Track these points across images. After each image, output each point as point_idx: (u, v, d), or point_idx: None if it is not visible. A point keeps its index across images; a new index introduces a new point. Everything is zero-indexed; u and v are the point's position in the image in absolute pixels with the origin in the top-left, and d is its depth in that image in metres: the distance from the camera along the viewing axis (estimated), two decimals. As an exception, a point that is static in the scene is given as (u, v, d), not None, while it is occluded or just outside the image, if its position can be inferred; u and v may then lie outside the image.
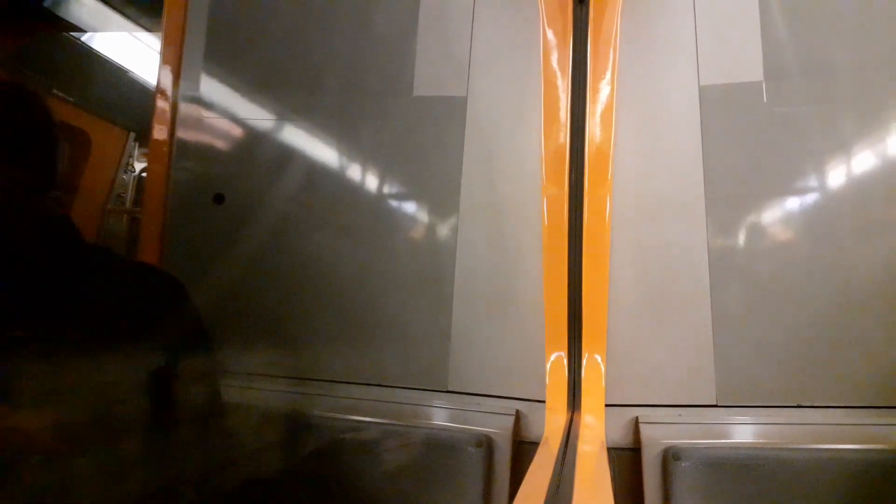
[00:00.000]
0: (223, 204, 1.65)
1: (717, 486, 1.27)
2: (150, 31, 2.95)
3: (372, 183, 1.61)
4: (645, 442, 1.32)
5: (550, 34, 1.49)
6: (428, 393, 1.48)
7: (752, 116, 1.44)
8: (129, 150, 3.58)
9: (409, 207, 1.59)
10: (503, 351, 1.47)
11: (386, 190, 1.60)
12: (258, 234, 1.63)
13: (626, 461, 1.36)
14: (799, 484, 1.25)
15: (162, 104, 1.74)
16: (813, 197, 1.41)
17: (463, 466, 1.33)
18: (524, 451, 1.38)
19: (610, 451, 1.28)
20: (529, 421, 1.41)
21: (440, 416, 1.44)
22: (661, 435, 1.32)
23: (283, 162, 1.66)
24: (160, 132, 1.72)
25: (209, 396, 1.31)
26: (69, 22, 2.64)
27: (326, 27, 1.67)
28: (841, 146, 1.41)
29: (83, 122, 3.24)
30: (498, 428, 1.36)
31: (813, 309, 1.37)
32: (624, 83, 1.46)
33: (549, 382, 1.39)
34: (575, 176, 1.43)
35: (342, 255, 1.59)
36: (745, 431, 1.35)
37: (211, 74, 1.73)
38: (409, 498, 1.36)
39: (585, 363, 1.38)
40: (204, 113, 1.72)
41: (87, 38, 3.03)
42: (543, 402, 1.38)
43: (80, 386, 1.08)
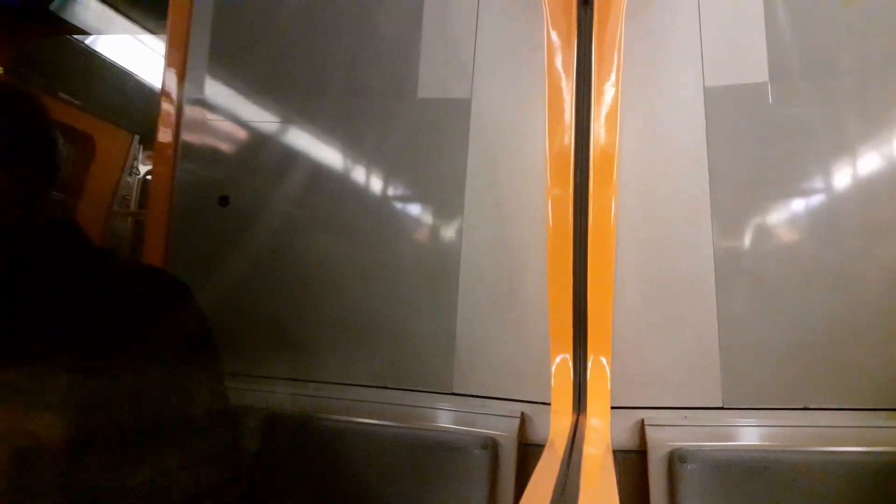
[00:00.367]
0: (228, 206, 1.66)
1: (723, 488, 1.26)
2: (154, 33, 2.96)
3: (376, 185, 1.61)
4: (651, 444, 1.32)
5: (555, 36, 1.49)
6: (433, 395, 1.48)
7: (757, 118, 1.44)
8: (133, 152, 3.59)
9: (413, 209, 1.59)
10: (508, 353, 1.46)
11: (390, 192, 1.60)
12: (263, 236, 1.63)
13: (631, 464, 1.36)
14: (806, 487, 1.24)
15: (167, 107, 1.74)
16: (819, 198, 1.41)
17: (468, 469, 1.33)
18: (529, 453, 1.37)
19: (615, 453, 1.28)
20: (535, 423, 1.41)
21: (445, 418, 1.44)
22: (667, 437, 1.32)
23: (287, 164, 1.66)
24: (165, 135, 1.73)
25: (214, 399, 1.31)
26: (74, 25, 2.65)
27: (330, 30, 1.68)
28: (846, 147, 1.41)
29: (87, 125, 3.25)
30: (503, 430, 1.36)
31: (819, 311, 1.37)
32: (628, 85, 1.46)
33: (554, 385, 1.38)
34: (580, 177, 1.43)
35: (347, 257, 1.59)
36: (751, 434, 1.35)
37: (215, 77, 1.74)
38: (414, 500, 1.35)
39: (591, 365, 1.37)
40: (208, 115, 1.72)
41: (91, 41, 3.04)
42: (549, 404, 1.38)
43: (83, 390, 1.08)
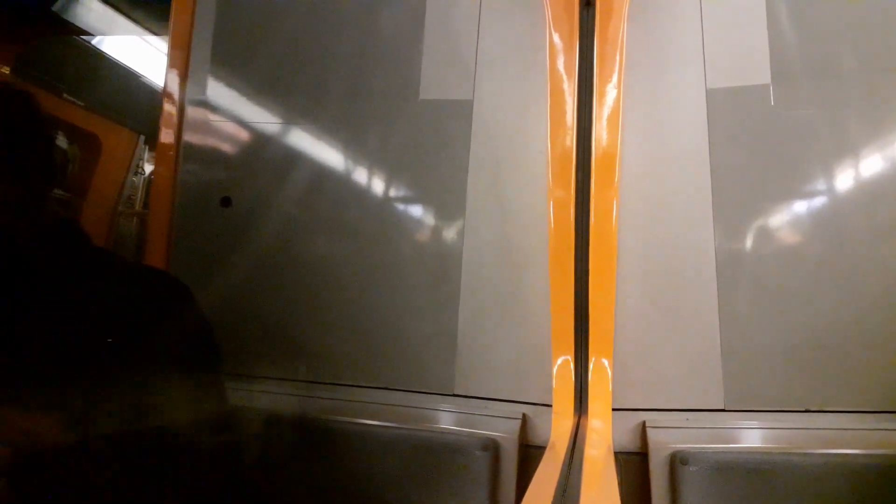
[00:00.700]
0: (230, 207, 1.66)
1: (724, 490, 1.26)
2: (156, 34, 2.96)
3: (378, 186, 1.62)
4: (652, 446, 1.32)
5: (556, 37, 1.49)
6: (434, 396, 1.48)
7: (759, 119, 1.44)
8: (139, 152, 3.60)
9: (415, 211, 1.59)
10: (510, 354, 1.46)
11: (392, 193, 1.60)
12: (265, 237, 1.63)
13: (633, 466, 1.35)
14: (807, 489, 1.24)
15: (169, 107, 1.74)
16: (821, 200, 1.40)
17: (469, 470, 1.33)
18: (531, 455, 1.37)
19: (617, 455, 1.28)
20: (536, 425, 1.41)
21: (446, 419, 1.44)
22: (668, 439, 1.32)
23: (289, 165, 1.66)
24: (167, 135, 1.73)
25: (215, 400, 1.31)
26: (76, 26, 2.65)
27: (333, 31, 1.68)
28: (849, 149, 1.41)
29: (93, 125, 3.26)
30: (504, 432, 1.36)
31: (821, 313, 1.36)
32: (630, 86, 1.46)
33: (555, 386, 1.38)
34: (581, 179, 1.43)
35: (348, 258, 1.59)
36: (753, 436, 1.35)
37: (218, 78, 1.74)
38: (415, 502, 1.35)
39: (592, 367, 1.37)
40: (211, 116, 1.72)
41: (97, 41, 3.05)
42: (550, 405, 1.38)
43: (85, 391, 1.08)
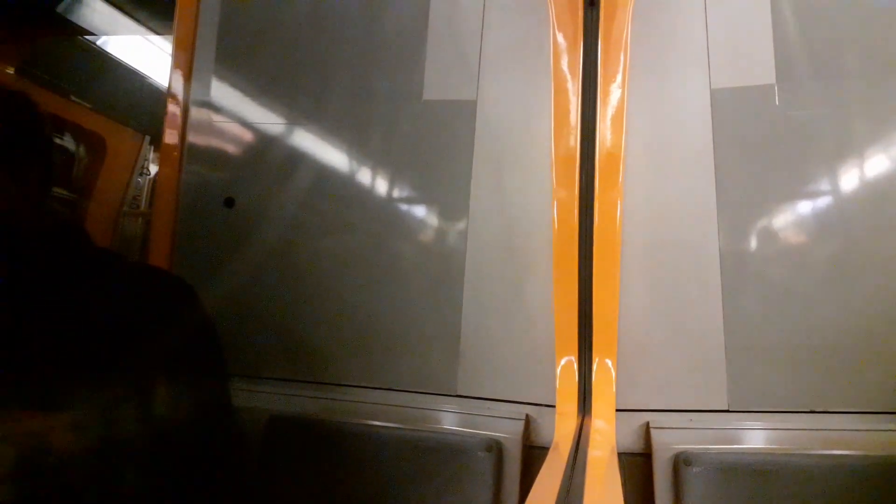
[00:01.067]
0: (233, 208, 1.66)
1: (728, 492, 1.26)
2: (160, 35, 2.97)
3: (382, 187, 1.62)
4: (656, 447, 1.32)
5: (560, 37, 1.49)
6: (437, 397, 1.48)
7: (764, 120, 1.43)
8: (144, 153, 3.60)
9: (418, 211, 1.59)
10: (513, 355, 1.46)
11: (396, 194, 1.60)
12: (268, 237, 1.63)
13: (636, 466, 1.35)
14: (812, 490, 1.24)
15: (173, 108, 1.75)
16: (825, 201, 1.40)
17: (472, 471, 1.33)
18: (534, 455, 1.37)
19: (620, 456, 1.27)
20: (539, 425, 1.40)
21: (450, 420, 1.44)
22: (672, 440, 1.32)
23: (293, 166, 1.66)
24: (171, 136, 1.73)
25: (219, 400, 1.31)
26: (80, 26, 2.66)
27: (336, 32, 1.68)
28: (854, 149, 1.40)
29: (98, 125, 3.27)
30: (508, 432, 1.36)
31: (826, 313, 1.36)
32: (635, 86, 1.46)
33: (559, 387, 1.38)
34: (585, 179, 1.43)
35: (352, 258, 1.59)
36: (757, 437, 1.34)
37: (221, 78, 1.74)
38: (418, 502, 1.35)
39: (596, 367, 1.37)
40: (214, 117, 1.73)
41: (103, 41, 3.06)
42: (553, 406, 1.38)
43: (87, 392, 1.09)
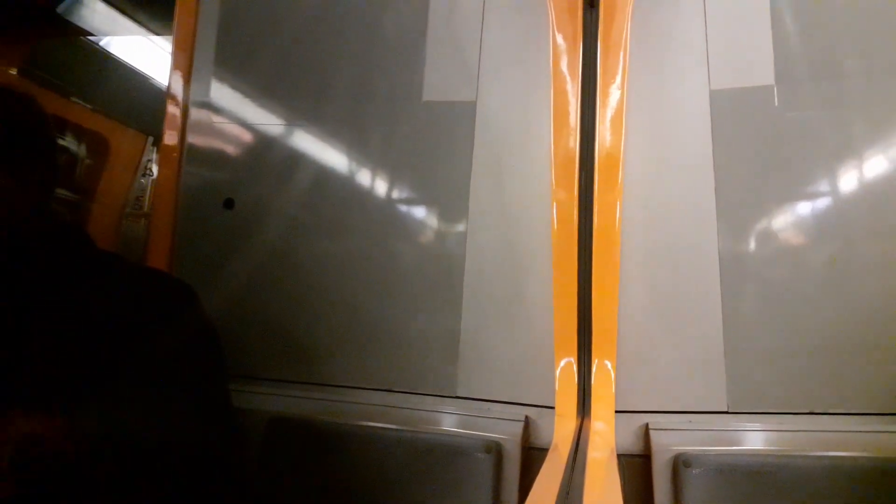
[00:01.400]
0: (233, 209, 1.66)
1: (727, 493, 1.26)
2: (160, 35, 2.97)
3: (381, 188, 1.62)
4: (655, 448, 1.31)
5: (560, 39, 1.49)
6: (436, 398, 1.48)
7: (763, 120, 1.43)
8: (147, 154, 3.60)
9: (418, 212, 1.59)
10: (512, 356, 1.46)
11: (395, 195, 1.61)
12: (268, 239, 1.63)
13: (636, 468, 1.35)
14: (811, 492, 1.24)
15: (172, 109, 1.75)
16: (825, 202, 1.40)
17: (472, 472, 1.32)
18: (533, 457, 1.37)
19: (620, 457, 1.27)
20: (539, 427, 1.40)
21: (449, 421, 1.44)
22: (671, 441, 1.32)
23: (292, 167, 1.66)
24: (171, 137, 1.73)
25: (219, 402, 1.31)
26: (81, 27, 2.66)
27: (336, 33, 1.68)
28: (853, 150, 1.40)
29: (101, 126, 3.27)
30: (507, 434, 1.36)
31: (825, 315, 1.36)
32: (634, 87, 1.46)
33: (558, 388, 1.38)
34: (585, 180, 1.43)
35: (351, 260, 1.59)
36: (756, 438, 1.34)
37: (221, 80, 1.74)
38: (417, 504, 1.35)
39: (595, 369, 1.37)
40: (214, 118, 1.73)
41: (105, 42, 3.06)
42: (553, 407, 1.38)
43: (86, 394, 1.09)
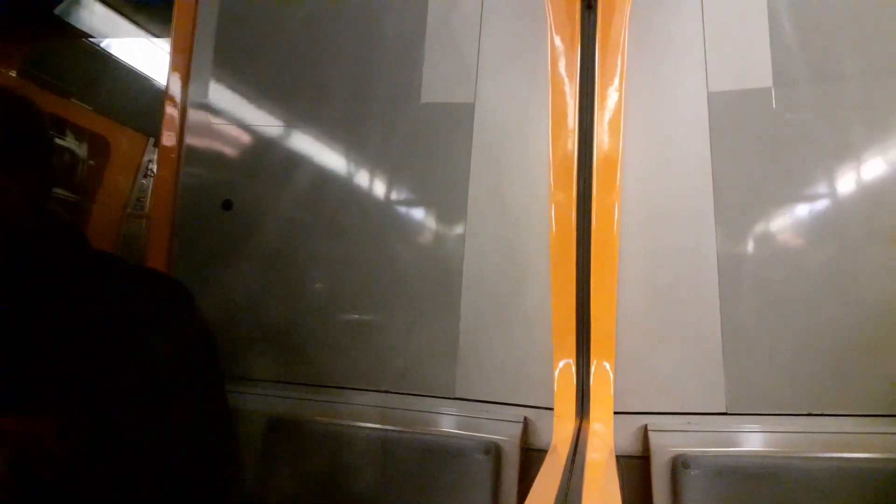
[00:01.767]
0: (231, 210, 1.66)
1: (726, 494, 1.26)
2: (158, 37, 2.97)
3: (379, 190, 1.62)
4: (654, 450, 1.31)
5: (558, 40, 1.49)
6: (435, 400, 1.47)
7: (761, 123, 1.44)
8: (148, 155, 3.60)
9: (416, 214, 1.59)
10: (511, 358, 1.46)
11: (393, 196, 1.61)
12: (266, 240, 1.63)
13: (634, 469, 1.35)
14: (810, 493, 1.24)
15: (171, 110, 1.75)
16: (823, 204, 1.40)
17: (470, 474, 1.32)
18: (532, 458, 1.37)
19: (619, 458, 1.28)
20: (538, 428, 1.40)
21: (447, 423, 1.44)
22: (670, 443, 1.32)
23: (290, 169, 1.66)
24: (169, 138, 1.73)
25: (216, 403, 1.31)
26: (79, 28, 2.66)
27: (334, 35, 1.68)
28: (851, 153, 1.40)
29: (102, 127, 3.27)
30: (506, 435, 1.36)
31: (824, 316, 1.36)
32: (632, 89, 1.46)
33: (557, 390, 1.38)
34: (583, 182, 1.43)
35: (349, 261, 1.59)
36: (755, 440, 1.34)
37: (219, 81, 1.74)
38: (416, 505, 1.35)
39: (594, 370, 1.37)
40: (213, 119, 1.73)
41: (106, 43, 3.06)
42: (551, 409, 1.38)
43: (83, 395, 1.08)
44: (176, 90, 1.75)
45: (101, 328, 1.12)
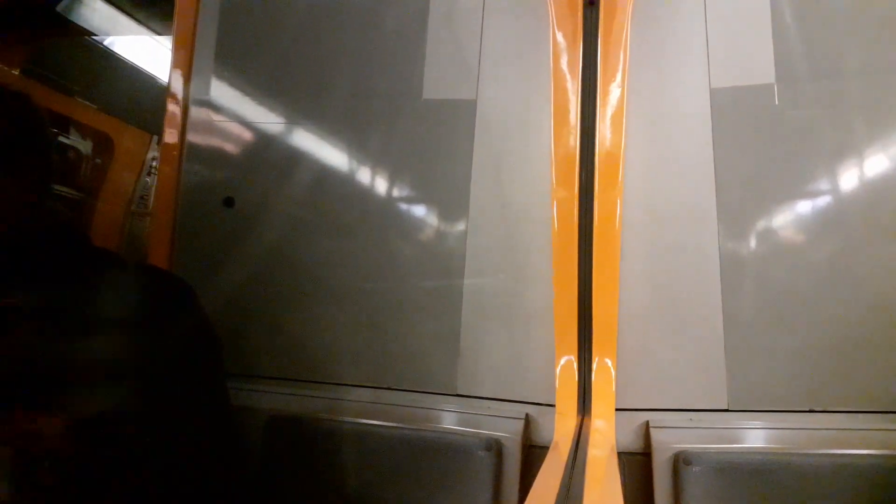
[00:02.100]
0: (233, 207, 1.66)
1: (728, 491, 1.26)
2: (159, 34, 2.97)
3: (381, 187, 1.62)
4: (655, 446, 1.32)
5: (560, 37, 1.49)
6: (437, 396, 1.48)
7: (763, 119, 1.43)
8: (152, 152, 3.60)
9: (418, 211, 1.59)
10: (513, 354, 1.46)
11: (395, 193, 1.61)
12: (267, 237, 1.63)
13: (636, 466, 1.36)
14: (811, 489, 1.24)
15: (172, 108, 1.75)
16: (825, 200, 1.40)
17: (472, 470, 1.33)
18: (534, 455, 1.37)
19: (620, 455, 1.27)
20: (539, 425, 1.40)
21: (449, 419, 1.44)
22: (671, 439, 1.32)
23: (292, 166, 1.66)
24: (171, 136, 1.73)
25: (216, 399, 1.31)
26: (81, 26, 2.66)
27: (336, 31, 1.68)
28: (853, 149, 1.40)
29: (105, 125, 3.26)
30: (508, 432, 1.36)
31: (825, 313, 1.36)
32: (634, 86, 1.45)
33: (558, 386, 1.38)
34: (585, 179, 1.43)
35: (351, 257, 1.59)
36: (756, 436, 1.34)
37: (221, 78, 1.74)
38: (417, 502, 1.35)
39: (596, 367, 1.37)
40: (214, 116, 1.73)
41: (110, 41, 3.05)
42: (553, 405, 1.38)
43: (84, 392, 1.09)
44: (178, 87, 1.75)
45: (101, 326, 1.13)
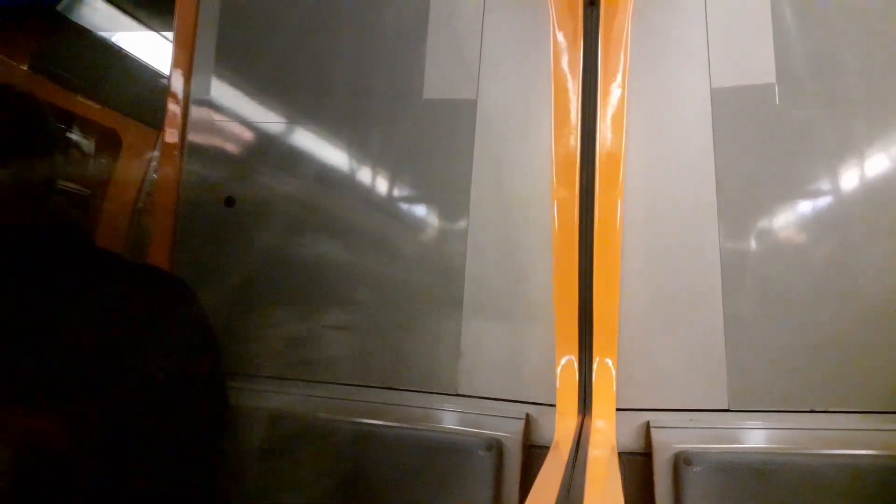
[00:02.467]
0: (234, 207, 1.66)
1: (728, 491, 1.26)
2: (160, 33, 2.97)
3: (382, 186, 1.62)
4: (656, 446, 1.32)
5: (561, 36, 1.49)
6: (437, 396, 1.48)
7: (764, 119, 1.43)
8: (159, 149, 3.58)
9: (418, 210, 1.59)
10: (513, 354, 1.46)
11: (396, 193, 1.61)
12: (268, 237, 1.63)
13: (637, 466, 1.35)
14: (812, 490, 1.24)
15: (173, 107, 1.75)
16: (826, 200, 1.40)
17: (473, 470, 1.33)
18: (534, 455, 1.37)
19: (621, 455, 1.27)
20: (540, 425, 1.40)
21: (450, 419, 1.44)
22: (672, 439, 1.32)
23: (293, 165, 1.66)
24: (171, 135, 1.73)
25: (216, 400, 1.31)
26: (80, 25, 2.66)
27: (336, 31, 1.68)
28: (854, 149, 1.40)
29: (112, 121, 3.25)
30: (508, 432, 1.36)
31: (826, 313, 1.36)
32: (635, 85, 1.45)
33: (559, 386, 1.38)
34: (585, 179, 1.42)
35: (352, 258, 1.59)
36: (757, 436, 1.34)
37: (222, 77, 1.74)
38: (418, 502, 1.35)
39: (596, 367, 1.37)
40: (215, 116, 1.73)
41: (117, 38, 3.05)
42: (554, 405, 1.38)
43: (85, 391, 1.09)
44: (178, 86, 1.75)
45: (102, 325, 1.13)
